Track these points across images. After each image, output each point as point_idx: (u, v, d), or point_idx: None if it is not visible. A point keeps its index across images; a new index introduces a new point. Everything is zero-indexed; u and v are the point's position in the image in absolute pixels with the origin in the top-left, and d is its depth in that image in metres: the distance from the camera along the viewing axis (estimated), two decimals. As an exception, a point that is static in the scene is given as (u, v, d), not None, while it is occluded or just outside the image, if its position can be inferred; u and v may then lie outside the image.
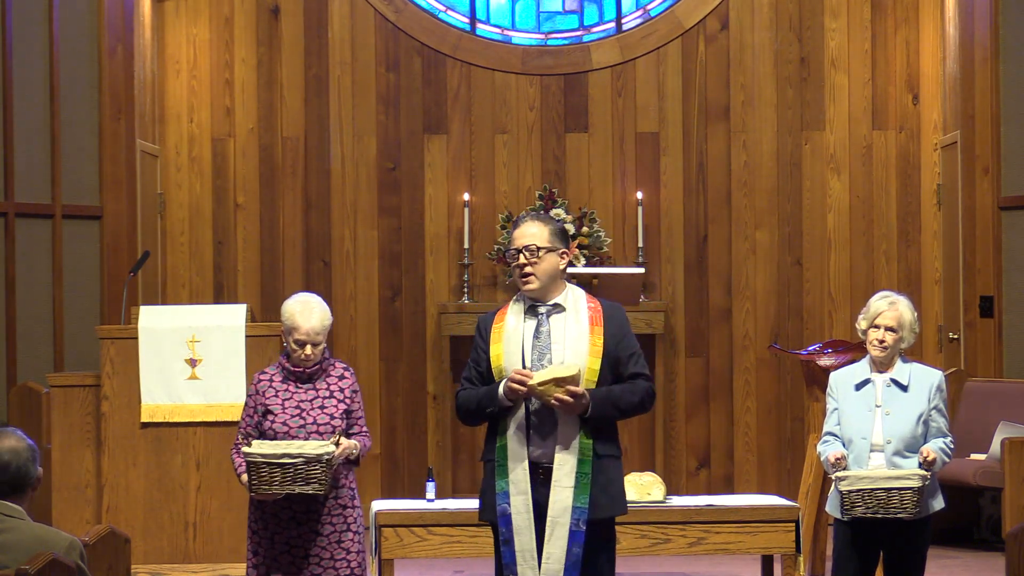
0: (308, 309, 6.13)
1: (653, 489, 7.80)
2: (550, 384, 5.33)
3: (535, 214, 5.61)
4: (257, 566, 6.14)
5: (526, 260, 5.47)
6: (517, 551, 5.42)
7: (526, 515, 5.42)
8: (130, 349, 8.20)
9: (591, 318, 5.50)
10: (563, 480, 5.41)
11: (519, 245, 5.49)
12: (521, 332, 5.50)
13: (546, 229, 5.51)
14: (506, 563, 5.44)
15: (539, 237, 5.49)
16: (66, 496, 8.30)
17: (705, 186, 11.25)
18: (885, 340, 6.41)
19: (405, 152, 11.27)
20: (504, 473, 5.43)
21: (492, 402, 5.44)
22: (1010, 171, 10.29)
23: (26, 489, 4.86)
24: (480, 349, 5.57)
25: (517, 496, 5.42)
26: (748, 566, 8.77)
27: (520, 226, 5.53)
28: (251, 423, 6.18)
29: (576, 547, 5.41)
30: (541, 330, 5.50)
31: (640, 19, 11.46)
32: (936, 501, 6.41)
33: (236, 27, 11.27)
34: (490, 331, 5.55)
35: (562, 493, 5.41)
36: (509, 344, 5.48)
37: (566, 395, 5.33)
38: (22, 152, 9.90)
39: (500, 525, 5.44)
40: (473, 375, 5.57)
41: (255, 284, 11.22)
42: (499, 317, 5.57)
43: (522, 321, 5.52)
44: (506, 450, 5.44)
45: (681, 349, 11.18)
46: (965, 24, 10.49)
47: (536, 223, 5.52)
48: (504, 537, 5.44)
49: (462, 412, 5.60)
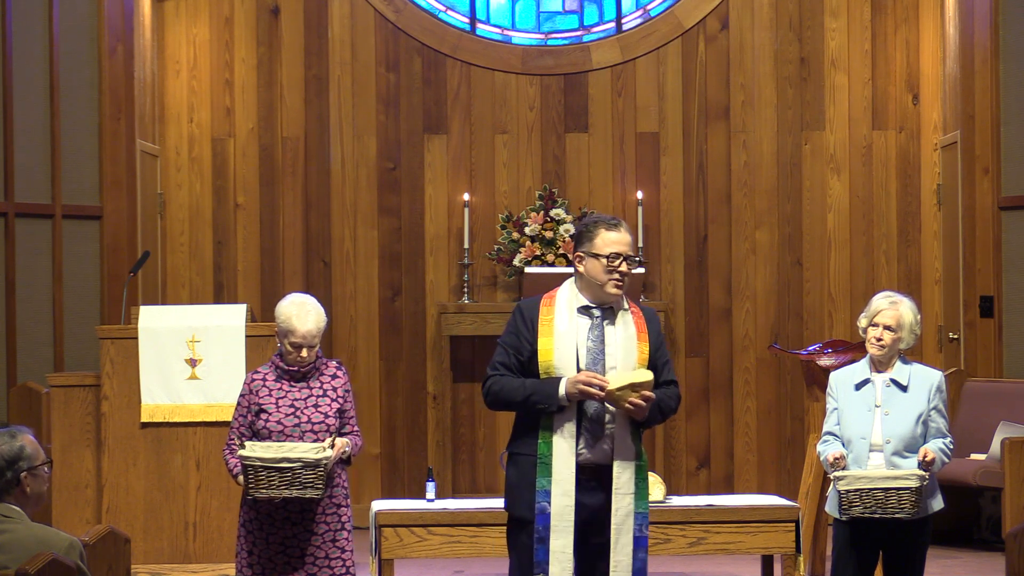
0: (304, 312, 6.13)
1: (653, 489, 7.80)
2: (627, 389, 5.34)
3: (623, 221, 5.60)
4: (252, 565, 6.15)
5: (627, 269, 5.48)
6: (552, 551, 5.40)
7: (567, 516, 5.40)
8: (130, 349, 8.20)
9: (637, 325, 5.53)
10: (624, 486, 5.41)
11: (623, 251, 5.48)
12: (575, 331, 5.48)
13: (632, 239, 5.57)
14: (538, 560, 5.41)
15: (633, 247, 5.56)
16: (66, 496, 8.30)
17: (705, 186, 11.25)
18: (883, 339, 6.41)
19: (405, 152, 11.27)
20: (547, 472, 5.40)
21: (549, 400, 5.39)
22: (1010, 171, 10.29)
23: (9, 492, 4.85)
24: (524, 338, 5.50)
25: (560, 496, 5.40)
26: (748, 566, 8.77)
27: (620, 230, 5.51)
28: (244, 423, 6.19)
29: (642, 552, 5.43)
30: (594, 333, 5.48)
31: (640, 19, 11.46)
32: (935, 501, 6.41)
33: (236, 27, 11.27)
34: (537, 322, 5.50)
35: (624, 500, 5.41)
36: (561, 341, 5.45)
37: (640, 400, 5.35)
38: (22, 152, 9.90)
39: (537, 523, 5.41)
40: (512, 363, 5.50)
41: (255, 284, 11.22)
42: (546, 309, 5.53)
43: (575, 320, 5.50)
44: (552, 447, 5.41)
45: (681, 349, 11.18)
46: (965, 24, 10.49)
47: (628, 232, 5.54)
48: (540, 535, 5.41)
49: (500, 400, 5.50)
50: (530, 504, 5.43)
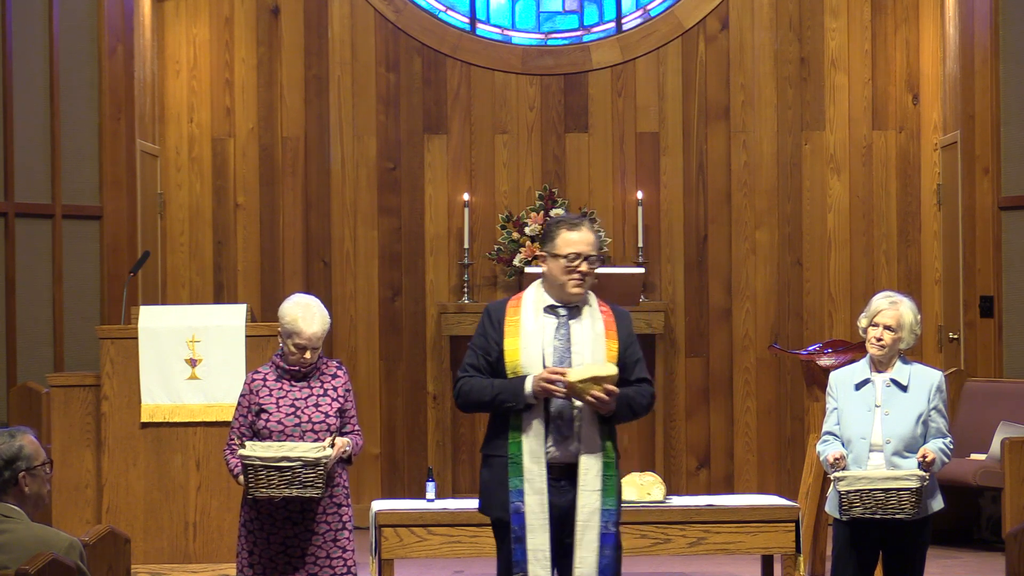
0: (310, 314, 6.12)
1: (653, 489, 7.80)
2: (589, 382, 5.35)
3: (585, 219, 5.63)
4: (253, 565, 6.15)
5: (588, 269, 5.50)
6: (529, 549, 5.41)
7: (541, 515, 5.41)
8: (130, 349, 8.20)
9: (605, 323, 5.54)
10: (591, 483, 5.42)
11: (582, 251, 5.50)
12: (541, 331, 5.50)
13: (595, 239, 5.57)
14: (516, 560, 5.43)
15: (595, 246, 5.56)
16: (66, 496, 8.29)
17: (705, 186, 11.25)
18: (883, 339, 6.40)
19: (405, 152, 11.27)
20: (519, 471, 5.42)
21: (515, 399, 5.42)
22: (1010, 171, 10.29)
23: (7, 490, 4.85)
24: (491, 339, 5.54)
25: (532, 495, 5.41)
26: (748, 566, 8.77)
27: (579, 230, 5.52)
28: (244, 422, 6.19)
29: (608, 549, 5.43)
30: (561, 332, 5.51)
31: (640, 19, 11.46)
32: (935, 501, 6.41)
33: (236, 27, 11.27)
34: (504, 322, 5.53)
35: (590, 497, 5.42)
36: (527, 341, 5.48)
37: (603, 393, 5.35)
38: (22, 152, 9.90)
39: (513, 523, 5.43)
40: (481, 364, 5.54)
41: (255, 284, 11.21)
42: (512, 310, 5.56)
43: (541, 319, 5.52)
44: (521, 447, 5.43)
45: (681, 349, 11.18)
46: (965, 24, 10.49)
47: (590, 231, 5.55)
48: (516, 535, 5.42)
49: (469, 401, 5.55)
50: (504, 505, 5.45)
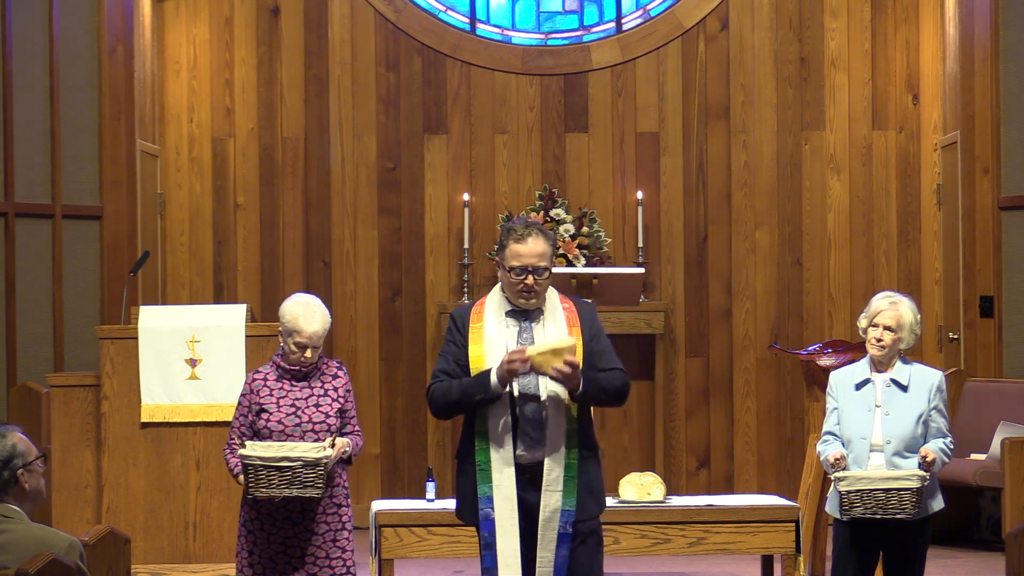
0: (311, 313, 6.13)
1: (653, 489, 7.80)
2: (548, 354, 5.32)
3: (538, 228, 5.50)
4: (252, 565, 6.15)
5: (534, 282, 5.43)
6: (499, 552, 5.39)
7: (511, 517, 5.39)
8: (130, 349, 8.20)
9: (568, 319, 5.51)
10: (553, 484, 5.39)
11: (528, 264, 5.42)
12: (504, 336, 5.48)
13: (549, 247, 5.47)
14: (486, 567, 5.42)
15: (546, 257, 5.45)
16: (66, 496, 8.30)
17: (705, 186, 11.25)
18: (883, 339, 6.40)
19: (405, 152, 11.27)
20: (487, 477, 5.40)
21: (483, 390, 5.38)
22: (1010, 171, 10.29)
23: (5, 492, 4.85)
24: (459, 344, 5.51)
25: (502, 501, 5.39)
26: (748, 566, 8.77)
27: (526, 242, 5.44)
28: (245, 422, 6.19)
29: (564, 549, 5.40)
30: (524, 336, 5.48)
31: (640, 19, 11.46)
32: (935, 502, 6.41)
33: (236, 27, 11.27)
34: (468, 329, 5.51)
35: (552, 497, 5.40)
36: (491, 347, 5.46)
37: (565, 366, 5.32)
38: (22, 152, 9.90)
39: (482, 529, 5.42)
40: (452, 368, 5.51)
41: (255, 284, 11.21)
42: (476, 316, 5.53)
43: (503, 325, 5.50)
44: (488, 452, 5.41)
45: (681, 349, 11.18)
46: (965, 24, 10.49)
47: (542, 240, 5.45)
48: (485, 541, 5.41)
49: (440, 404, 5.50)
50: (475, 511, 5.44)
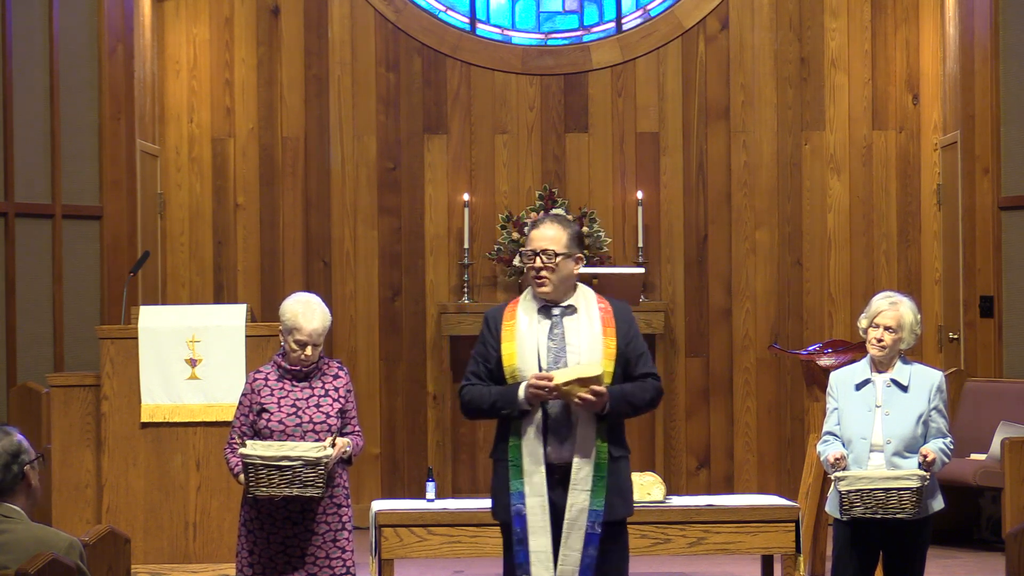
0: (310, 310, 6.13)
1: (653, 489, 7.81)
2: (574, 384, 5.35)
3: (556, 217, 5.59)
4: (252, 565, 6.15)
5: (542, 264, 5.47)
6: (531, 551, 5.43)
7: (542, 516, 5.43)
8: (130, 349, 8.20)
9: (603, 320, 5.52)
10: (581, 483, 5.43)
11: (536, 247, 5.49)
12: (535, 333, 5.50)
13: (565, 234, 5.51)
14: (519, 563, 5.45)
15: (557, 242, 5.49)
16: (66, 496, 8.30)
17: (705, 186, 11.25)
18: (884, 340, 6.40)
19: (405, 152, 11.27)
20: (519, 474, 5.44)
21: (510, 405, 5.44)
22: (1010, 171, 10.29)
23: (12, 490, 4.85)
24: (490, 345, 5.55)
25: (533, 497, 5.43)
26: (748, 566, 8.77)
27: (539, 227, 5.52)
28: (245, 422, 6.19)
29: (592, 549, 5.43)
30: (555, 332, 5.50)
31: (640, 19, 11.45)
32: (936, 501, 6.41)
33: (236, 27, 11.27)
34: (500, 328, 5.54)
35: (579, 496, 5.43)
36: (523, 345, 5.48)
37: (590, 394, 5.35)
38: (22, 152, 9.90)
39: (515, 525, 5.45)
40: (481, 371, 5.57)
41: (255, 284, 11.22)
42: (509, 314, 5.56)
43: (535, 321, 5.52)
44: (521, 451, 5.45)
45: (681, 349, 11.18)
46: (965, 24, 10.49)
47: (555, 226, 5.51)
48: (518, 537, 5.45)
49: (471, 409, 5.59)
50: (508, 508, 5.47)
